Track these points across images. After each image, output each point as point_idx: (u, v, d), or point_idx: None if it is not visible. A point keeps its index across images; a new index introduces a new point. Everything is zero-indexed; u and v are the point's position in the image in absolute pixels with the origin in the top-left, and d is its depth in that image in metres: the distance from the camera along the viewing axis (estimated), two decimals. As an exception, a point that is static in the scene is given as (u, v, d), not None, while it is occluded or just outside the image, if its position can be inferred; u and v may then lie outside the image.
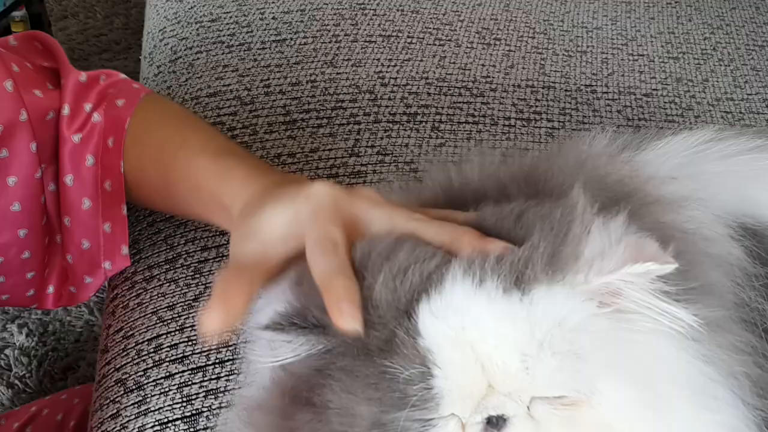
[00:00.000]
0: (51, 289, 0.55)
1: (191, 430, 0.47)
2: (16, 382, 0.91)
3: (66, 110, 0.51)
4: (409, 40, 0.74)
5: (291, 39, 0.74)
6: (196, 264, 0.56)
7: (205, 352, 0.51)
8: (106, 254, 0.53)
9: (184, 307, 0.53)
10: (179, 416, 0.48)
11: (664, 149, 0.42)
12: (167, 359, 0.51)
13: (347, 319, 0.29)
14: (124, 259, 0.54)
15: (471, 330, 0.28)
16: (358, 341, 0.29)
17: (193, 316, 0.53)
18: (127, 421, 0.49)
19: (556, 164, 0.39)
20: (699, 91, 0.73)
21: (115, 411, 0.50)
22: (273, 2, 0.80)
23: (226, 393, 0.48)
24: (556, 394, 0.29)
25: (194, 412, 0.48)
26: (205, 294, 0.54)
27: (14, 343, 0.93)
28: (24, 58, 0.52)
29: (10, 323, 0.95)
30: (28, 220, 0.51)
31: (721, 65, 0.77)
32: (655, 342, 0.30)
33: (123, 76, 0.55)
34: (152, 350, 0.52)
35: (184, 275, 0.55)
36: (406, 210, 0.34)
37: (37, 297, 0.56)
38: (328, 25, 0.76)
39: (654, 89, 0.72)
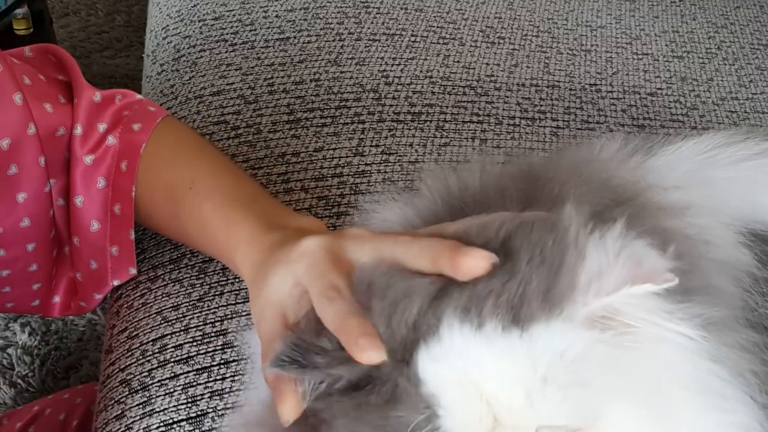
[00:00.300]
0: (57, 299, 0.55)
1: (196, 431, 0.47)
2: (19, 381, 0.91)
3: (78, 130, 0.51)
4: (413, 38, 0.74)
5: (294, 37, 0.74)
6: (201, 264, 0.55)
7: (210, 352, 0.51)
8: (113, 275, 0.53)
9: (189, 307, 0.53)
10: (184, 417, 0.48)
11: (674, 155, 0.41)
12: (172, 360, 0.51)
13: (369, 353, 0.29)
14: (131, 276, 0.54)
15: (473, 371, 0.29)
16: (360, 396, 0.29)
17: (197, 317, 0.53)
18: (132, 422, 0.49)
19: (558, 166, 0.38)
20: (704, 91, 0.73)
21: (119, 412, 0.50)
22: (276, 0, 0.79)
23: (232, 394, 0.48)
24: (562, 424, 0.29)
25: (199, 413, 0.48)
26: (210, 294, 0.54)
27: (17, 342, 0.93)
28: (38, 70, 0.52)
29: (13, 322, 0.95)
30: (36, 234, 0.51)
31: (725, 64, 0.76)
32: (660, 349, 0.30)
33: (139, 96, 0.55)
34: (157, 351, 0.52)
35: (189, 275, 0.55)
36: (392, 237, 0.35)
37: (42, 306, 0.56)
38: (331, 23, 0.76)
39: (659, 88, 0.72)
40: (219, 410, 0.48)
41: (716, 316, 0.31)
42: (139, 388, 0.50)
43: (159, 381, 0.50)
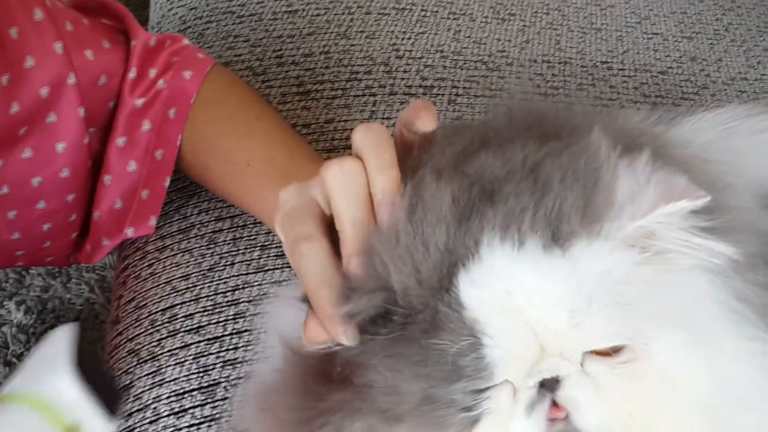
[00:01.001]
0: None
1: (209, 400, 0.46)
2: (14, 360, 0.89)
3: (133, 74, 0.51)
4: (423, 13, 0.73)
5: (303, 10, 0.73)
6: (211, 234, 0.54)
7: (221, 322, 0.50)
8: (133, 220, 0.53)
9: (199, 277, 0.52)
10: (196, 387, 0.47)
11: (696, 125, 0.41)
12: (182, 329, 0.50)
13: (338, 336, 0.29)
14: (148, 228, 0.53)
15: (516, 294, 0.27)
16: (395, 331, 0.28)
17: (208, 286, 0.52)
18: (141, 392, 0.48)
19: (570, 110, 0.37)
20: (714, 71, 0.72)
21: (128, 381, 0.49)
22: (283, -27, 0.78)
23: (245, 364, 0.47)
24: (609, 345, 0.28)
25: (212, 382, 0.47)
26: (220, 264, 0.53)
27: (11, 321, 0.91)
28: (82, 14, 0.51)
29: (8, 300, 0.93)
30: (75, 185, 0.51)
31: (734, 45, 0.76)
32: (694, 278, 0.29)
33: (186, 41, 0.54)
34: (166, 320, 0.51)
35: (199, 245, 0.54)
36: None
37: (72, 253, 0.55)
38: (340, -4, 0.75)
39: (669, 67, 0.72)
40: (232, 380, 0.47)
41: (742, 253, 0.30)
42: (148, 357, 0.49)
43: (169, 351, 0.49)
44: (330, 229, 0.31)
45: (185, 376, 0.47)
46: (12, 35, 0.46)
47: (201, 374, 0.47)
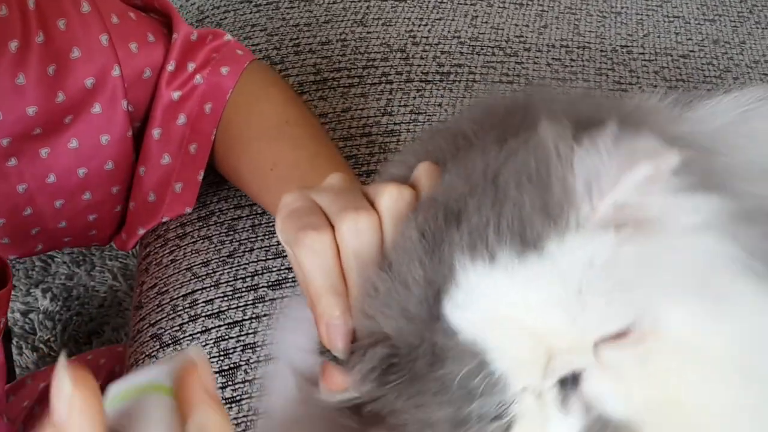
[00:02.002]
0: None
1: (229, 383, 0.47)
2: (41, 345, 0.91)
3: (171, 66, 0.51)
4: (439, -1, 0.73)
5: (320, -2, 0.73)
6: (230, 221, 0.55)
7: (241, 307, 0.51)
8: (167, 210, 0.54)
9: (219, 263, 0.53)
10: (216, 370, 0.48)
11: (715, 107, 0.40)
12: (203, 314, 0.51)
13: (333, 348, 0.29)
14: (182, 213, 0.54)
15: (503, 306, 0.27)
16: (405, 370, 0.28)
17: (228, 272, 0.52)
18: (164, 376, 0.49)
19: (545, 95, 0.36)
20: (737, 53, 0.71)
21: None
22: (300, -38, 0.78)
23: (264, 347, 0.48)
24: (614, 329, 0.27)
25: (232, 365, 0.48)
26: (240, 250, 0.53)
27: (38, 308, 0.93)
28: (130, 8, 0.52)
29: (34, 288, 0.95)
30: (119, 177, 0.52)
31: (758, 28, 0.75)
32: (695, 240, 0.28)
33: (228, 37, 0.55)
34: (187, 306, 0.51)
35: (218, 232, 0.55)
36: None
37: (112, 239, 0.57)
38: (356, -16, 0.75)
39: (691, 51, 0.71)
40: (251, 363, 0.48)
41: (742, 209, 0.29)
42: (170, 342, 0.50)
43: (190, 335, 0.50)
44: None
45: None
46: (60, 27, 0.47)
47: (221, 358, 0.48)
